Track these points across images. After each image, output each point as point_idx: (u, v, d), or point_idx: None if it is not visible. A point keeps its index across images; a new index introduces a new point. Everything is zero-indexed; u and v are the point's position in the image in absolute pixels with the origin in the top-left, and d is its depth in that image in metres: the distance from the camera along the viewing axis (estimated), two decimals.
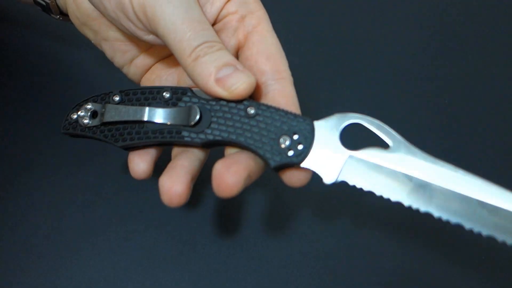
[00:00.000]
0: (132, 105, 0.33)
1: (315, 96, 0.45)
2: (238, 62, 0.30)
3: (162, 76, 0.36)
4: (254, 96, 0.32)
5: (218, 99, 0.31)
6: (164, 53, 0.36)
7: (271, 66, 0.31)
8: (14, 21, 0.48)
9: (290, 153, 0.29)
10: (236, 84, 0.29)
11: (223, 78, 0.29)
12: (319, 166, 0.29)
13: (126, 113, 0.33)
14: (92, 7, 0.33)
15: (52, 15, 0.37)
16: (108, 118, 0.33)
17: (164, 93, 0.32)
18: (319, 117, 0.30)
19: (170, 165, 0.32)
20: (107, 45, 0.35)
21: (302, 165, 0.29)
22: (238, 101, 0.31)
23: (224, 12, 0.32)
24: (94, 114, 0.34)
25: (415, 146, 0.28)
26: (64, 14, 0.37)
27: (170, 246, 0.39)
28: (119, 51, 0.35)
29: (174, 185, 0.30)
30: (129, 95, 0.33)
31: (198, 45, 0.30)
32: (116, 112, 0.33)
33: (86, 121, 0.34)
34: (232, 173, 0.29)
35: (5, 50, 0.46)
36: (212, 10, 0.32)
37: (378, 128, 0.28)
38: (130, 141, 0.33)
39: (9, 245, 0.38)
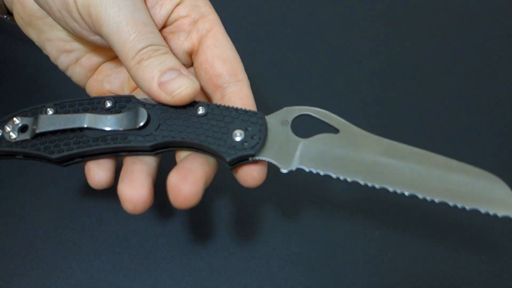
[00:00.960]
0: None
1: (265, 95, 0.46)
2: (183, 67, 0.30)
3: (110, 75, 0.35)
4: (209, 100, 0.33)
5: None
6: (112, 53, 0.35)
7: (227, 69, 0.31)
8: None
9: (245, 145, 0.29)
10: (180, 89, 0.29)
11: (166, 83, 0.29)
12: (275, 156, 0.29)
13: (62, 121, 0.30)
14: (37, 6, 0.32)
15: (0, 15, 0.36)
16: (41, 128, 0.30)
17: (105, 103, 0.31)
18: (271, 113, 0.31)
19: (124, 170, 0.30)
20: (51, 45, 0.34)
21: (258, 157, 0.29)
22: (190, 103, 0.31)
23: (174, 15, 0.32)
24: (23, 129, 0.31)
25: (361, 128, 0.30)
26: (12, 15, 0.35)
27: (171, 246, 0.38)
28: (64, 51, 0.34)
29: (136, 191, 0.28)
30: (64, 107, 0.31)
31: (142, 48, 0.29)
32: (51, 121, 0.31)
33: (13, 136, 0.31)
34: (189, 184, 0.28)
35: None
36: (161, 12, 0.32)
37: (325, 116, 0.30)
38: (68, 151, 0.30)
39: (9, 245, 0.38)
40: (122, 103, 0.31)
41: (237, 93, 0.31)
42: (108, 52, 0.35)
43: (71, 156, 0.30)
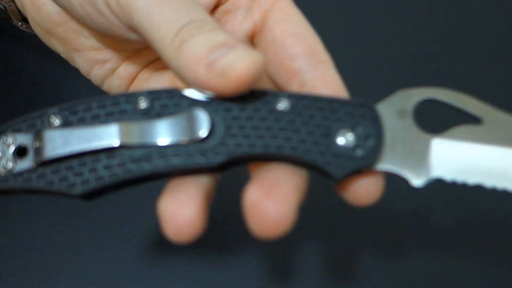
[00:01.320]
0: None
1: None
2: (241, 42, 0.21)
3: (149, 79, 0.27)
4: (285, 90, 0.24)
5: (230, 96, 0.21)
6: (152, 56, 0.27)
7: (304, 48, 0.23)
8: None
9: (359, 152, 0.21)
10: (235, 64, 0.19)
11: (215, 61, 0.20)
12: (399, 162, 0.21)
13: (82, 138, 0.21)
14: (55, 8, 0.25)
15: (14, 23, 0.31)
16: (51, 152, 0.20)
17: (138, 101, 0.21)
18: None
19: (170, 184, 0.21)
20: (80, 57, 0.27)
21: (378, 166, 0.21)
22: (260, 93, 0.21)
23: None
24: (20, 152, 0.21)
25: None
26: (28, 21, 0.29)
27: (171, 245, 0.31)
28: (97, 62, 0.27)
29: (183, 209, 0.20)
30: (77, 114, 0.21)
31: (182, 27, 0.20)
32: (65, 139, 0.21)
33: (9, 165, 0.21)
34: (277, 202, 0.20)
35: None
36: None
37: (460, 101, 0.22)
38: (97, 182, 0.21)
39: (9, 245, 0.36)
40: (162, 101, 0.21)
41: (321, 78, 0.23)
42: (148, 55, 0.27)
43: (102, 189, 0.21)
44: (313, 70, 0.23)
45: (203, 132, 0.20)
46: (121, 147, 0.21)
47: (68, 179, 0.21)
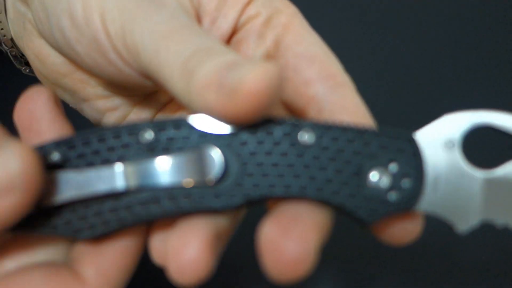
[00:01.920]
0: (89, 164, 0.19)
1: None
2: (253, 59, 0.18)
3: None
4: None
5: (245, 126, 0.18)
6: (164, 98, 0.26)
7: (318, 71, 0.21)
8: None
9: (392, 196, 0.18)
10: (243, 78, 0.16)
11: (224, 80, 0.17)
12: (442, 204, 0.18)
13: (83, 182, 0.19)
14: (60, 60, 0.24)
15: (17, 66, 0.29)
16: (52, 197, 0.19)
17: (142, 134, 0.19)
18: None
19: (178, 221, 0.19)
20: (89, 106, 0.25)
21: (416, 208, 0.18)
22: (280, 122, 0.18)
23: (243, 19, 0.22)
24: None
25: None
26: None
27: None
28: (106, 110, 0.25)
29: (188, 247, 0.18)
30: (75, 149, 0.19)
31: (190, 56, 0.18)
32: (66, 185, 0.19)
33: None
34: (296, 241, 0.18)
35: None
36: (227, 21, 0.22)
37: None
38: (103, 227, 0.19)
39: None
40: (169, 133, 0.19)
41: (340, 102, 0.20)
42: (159, 98, 0.25)
43: (110, 233, 0.19)
44: (330, 94, 0.20)
45: (215, 174, 0.18)
46: (126, 190, 0.19)
47: (73, 224, 0.19)
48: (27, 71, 0.29)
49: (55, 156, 0.19)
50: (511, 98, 0.38)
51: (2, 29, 0.26)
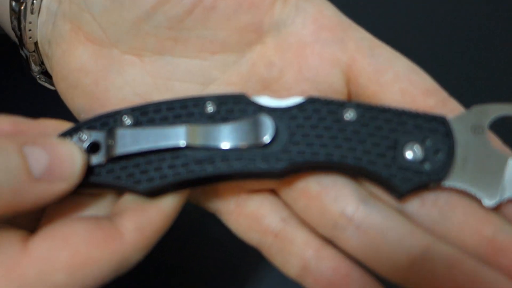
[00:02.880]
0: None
1: None
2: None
3: None
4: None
5: (296, 104, 0.21)
6: None
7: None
8: None
9: (427, 166, 0.20)
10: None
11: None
12: (470, 180, 0.20)
13: (151, 137, 0.21)
14: (87, 55, 0.24)
15: (33, 74, 0.28)
16: (121, 148, 0.21)
17: (206, 105, 0.22)
18: None
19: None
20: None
21: (447, 182, 0.20)
22: (327, 101, 0.21)
23: None
24: (93, 148, 0.22)
25: None
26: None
27: None
28: None
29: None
30: (147, 115, 0.22)
31: None
32: (134, 138, 0.21)
33: None
34: None
35: None
36: None
37: None
38: (161, 180, 0.21)
39: None
40: (229, 106, 0.22)
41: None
42: None
43: (165, 187, 0.21)
44: None
45: (266, 138, 0.20)
46: (186, 148, 0.21)
47: (135, 176, 0.21)
48: (42, 80, 0.28)
49: (128, 121, 0.22)
50: None
51: (30, 30, 0.26)
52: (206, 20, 0.23)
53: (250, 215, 0.22)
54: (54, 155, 0.20)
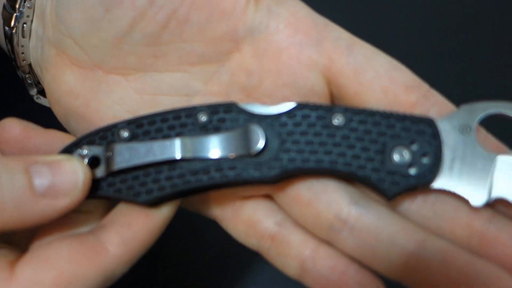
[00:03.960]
0: (152, 139, 0.23)
1: None
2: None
3: None
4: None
5: (285, 111, 0.22)
6: None
7: None
8: None
9: (412, 171, 0.20)
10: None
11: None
12: (458, 181, 0.20)
13: (147, 151, 0.22)
14: (74, 79, 0.24)
15: (30, 93, 0.28)
16: (120, 163, 0.22)
17: (198, 115, 0.22)
18: None
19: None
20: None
21: (435, 185, 0.20)
22: (317, 107, 0.21)
23: None
24: (94, 162, 0.23)
25: None
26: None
27: None
28: None
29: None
30: (143, 127, 0.23)
31: None
32: (132, 152, 0.22)
33: None
34: None
35: None
36: None
37: None
38: (159, 192, 0.22)
39: None
40: (220, 115, 0.22)
41: None
42: None
43: (164, 198, 0.22)
44: None
45: (257, 148, 0.21)
46: (181, 160, 0.22)
47: (134, 188, 0.22)
48: (39, 100, 0.29)
49: (125, 133, 0.23)
50: None
51: (23, 53, 0.26)
52: (182, 33, 0.23)
53: (246, 220, 0.23)
54: (57, 172, 0.21)
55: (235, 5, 0.23)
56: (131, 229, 0.22)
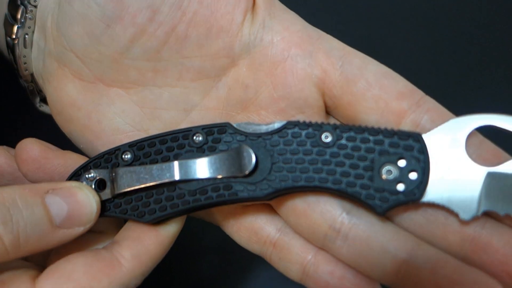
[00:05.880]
0: (152, 162, 0.24)
1: None
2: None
3: None
4: None
5: (275, 129, 0.22)
6: None
7: None
8: None
9: (400, 187, 0.20)
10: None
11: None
12: (446, 196, 0.20)
13: (147, 175, 0.23)
14: (75, 91, 0.25)
15: (33, 102, 0.29)
16: (123, 186, 0.23)
17: (194, 137, 0.23)
18: None
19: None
20: (103, 145, 0.26)
21: (423, 200, 0.20)
22: (307, 125, 0.22)
23: None
24: (100, 184, 0.24)
25: None
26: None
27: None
28: None
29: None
30: (143, 149, 0.24)
31: None
32: (134, 176, 0.23)
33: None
34: None
35: None
36: None
37: None
38: (161, 212, 0.23)
39: None
40: (215, 136, 0.23)
41: None
42: None
43: (165, 216, 0.23)
44: None
45: (249, 169, 0.22)
46: (179, 181, 0.23)
47: (138, 209, 0.23)
48: (42, 107, 0.29)
49: (127, 156, 0.24)
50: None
51: (25, 63, 0.26)
52: (181, 49, 0.23)
53: (249, 227, 0.24)
54: (73, 204, 0.22)
55: (232, 22, 0.23)
56: (142, 244, 0.23)
